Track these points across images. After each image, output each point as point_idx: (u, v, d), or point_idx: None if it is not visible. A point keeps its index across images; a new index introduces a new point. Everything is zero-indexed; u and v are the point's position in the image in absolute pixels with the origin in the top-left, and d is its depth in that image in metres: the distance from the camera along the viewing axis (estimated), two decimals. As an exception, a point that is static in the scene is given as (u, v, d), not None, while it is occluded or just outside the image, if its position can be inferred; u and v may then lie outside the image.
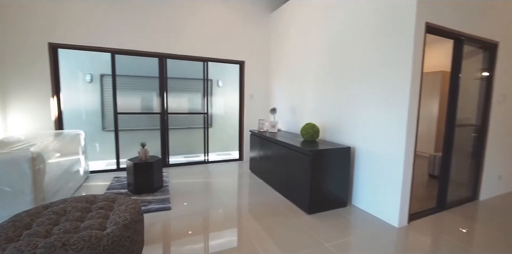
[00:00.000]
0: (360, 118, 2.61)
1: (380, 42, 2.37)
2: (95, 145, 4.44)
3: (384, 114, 2.34)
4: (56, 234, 1.39)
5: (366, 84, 2.52)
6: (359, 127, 2.63)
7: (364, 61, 2.54)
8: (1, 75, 3.07)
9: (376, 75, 2.42)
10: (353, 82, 2.68)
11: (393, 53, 2.25)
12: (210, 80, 5.21)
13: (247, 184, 3.45)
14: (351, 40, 2.70)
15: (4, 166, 1.96)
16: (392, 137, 2.27)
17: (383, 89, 2.35)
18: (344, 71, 2.81)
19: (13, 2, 3.05)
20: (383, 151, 2.36)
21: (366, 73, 2.53)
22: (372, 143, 2.48)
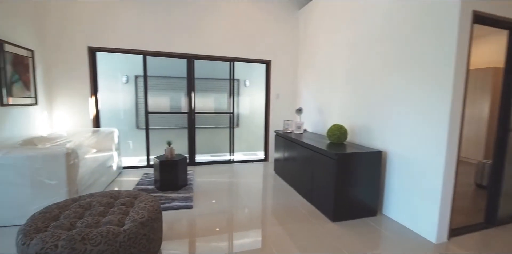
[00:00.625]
0: (393, 120, 2.38)
1: (418, 36, 2.13)
2: (128, 142, 4.71)
3: (421, 115, 2.10)
4: (79, 227, 1.46)
5: (401, 82, 2.29)
6: (391, 129, 2.40)
7: (399, 58, 2.31)
8: (47, 76, 3.39)
9: (412, 73, 2.18)
10: (386, 80, 2.46)
11: (432, 48, 2.00)
12: (237, 80, 5.22)
13: (270, 186, 3.38)
14: (384, 36, 2.48)
15: (43, 160, 2.14)
16: (430, 141, 2.02)
17: (420, 87, 2.11)
18: (375, 69, 2.59)
19: (58, 11, 3.34)
20: (420, 156, 2.12)
21: (401, 71, 2.29)
22: (406, 147, 2.24)
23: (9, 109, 2.68)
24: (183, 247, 1.94)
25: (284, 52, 4.31)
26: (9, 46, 2.70)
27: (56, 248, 1.28)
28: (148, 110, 3.93)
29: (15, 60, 2.76)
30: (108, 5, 3.49)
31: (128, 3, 3.56)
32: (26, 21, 3.00)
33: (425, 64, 2.07)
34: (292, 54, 4.35)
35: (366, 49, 2.73)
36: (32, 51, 3.06)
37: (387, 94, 2.45)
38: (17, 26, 2.84)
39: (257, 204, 2.75)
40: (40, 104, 3.22)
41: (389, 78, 2.43)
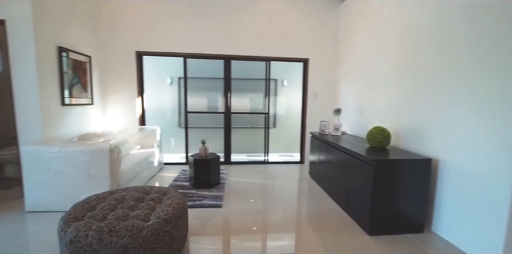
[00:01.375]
0: (447, 123, 2.03)
1: (483, 24, 1.77)
2: (170, 139, 5.02)
3: (484, 119, 1.74)
4: (109, 219, 1.56)
5: (459, 79, 1.94)
6: (446, 134, 2.05)
7: (458, 52, 1.96)
8: (102, 79, 3.78)
9: (474, 68, 1.82)
10: (439, 77, 2.11)
11: (504, 37, 1.64)
12: (274, 80, 5.15)
13: (303, 190, 3.22)
14: (438, 27, 2.14)
15: (91, 154, 2.37)
16: (496, 150, 1.66)
17: (484, 85, 1.75)
18: (429, 65, 2.25)
19: (111, 21, 3.71)
20: (481, 167, 1.76)
21: (459, 66, 1.94)
22: (463, 156, 1.89)
23: (69, 108, 3.06)
24: (209, 245, 1.95)
25: (322, 49, 4.08)
26: (73, 53, 3.09)
27: (87, 238, 1.38)
28: (187, 110, 4.11)
29: (75, 65, 3.14)
30: (152, 13, 3.75)
31: (169, 10, 3.77)
32: (86, 32, 3.39)
33: (493, 58, 1.71)
34: (331, 51, 4.10)
35: (418, 43, 2.40)
36: (90, 57, 3.45)
37: (441, 93, 2.11)
38: (80, 36, 3.23)
39: (288, 208, 2.64)
40: (95, 104, 3.62)
41: (441, 76, 2.09)
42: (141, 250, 1.45)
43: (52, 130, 2.79)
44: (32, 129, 2.61)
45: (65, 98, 2.95)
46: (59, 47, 2.84)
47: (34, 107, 2.57)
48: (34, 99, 2.56)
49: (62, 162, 2.36)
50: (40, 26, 2.56)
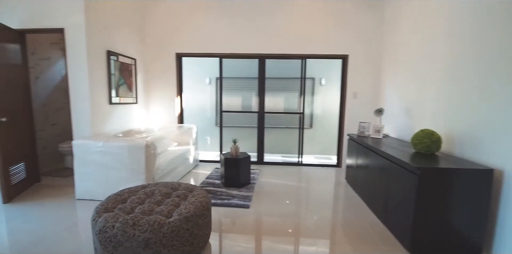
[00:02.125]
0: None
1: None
2: (206, 138, 5.18)
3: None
4: (136, 212, 1.63)
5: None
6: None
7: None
8: (145, 79, 4.07)
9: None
10: (507, 75, 1.74)
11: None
12: (311, 79, 4.94)
13: (338, 196, 3.01)
14: (505, 12, 1.76)
15: (129, 150, 2.55)
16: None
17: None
18: (490, 60, 1.88)
19: (154, 26, 3.95)
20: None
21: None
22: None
23: (116, 107, 3.35)
24: (231, 246, 1.92)
25: (364, 44, 3.75)
26: (120, 57, 3.37)
27: (113, 229, 1.46)
28: (222, 110, 4.18)
29: (122, 67, 3.42)
30: (190, 16, 3.90)
31: (206, 12, 3.88)
32: (132, 37, 3.68)
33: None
34: (374, 46, 3.75)
35: (480, 33, 2.03)
36: (135, 60, 3.73)
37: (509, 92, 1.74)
38: (126, 41, 3.52)
39: (319, 214, 2.48)
40: (139, 103, 3.90)
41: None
42: (161, 246, 1.48)
43: (101, 126, 3.07)
44: (83, 124, 2.91)
45: (112, 97, 3.23)
46: (108, 51, 3.12)
47: (85, 105, 2.87)
48: (85, 98, 2.85)
49: (105, 156, 2.58)
50: (91, 33, 2.84)
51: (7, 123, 2.58)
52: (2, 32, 2.60)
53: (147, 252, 1.45)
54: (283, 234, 2.12)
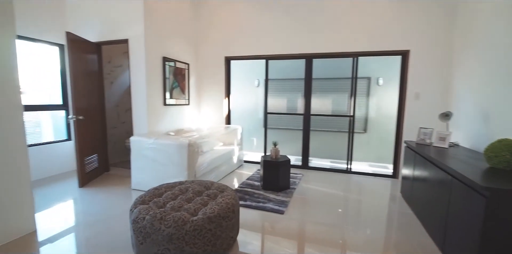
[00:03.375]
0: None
1: None
2: (252, 139, 5.23)
3: None
4: (166, 207, 1.73)
5: None
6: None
7: None
8: (197, 82, 4.35)
9: None
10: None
11: None
12: (367, 78, 4.50)
13: (388, 211, 2.64)
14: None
15: (174, 147, 2.75)
16: None
17: None
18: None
19: (205, 33, 4.20)
20: None
21: None
22: None
23: (169, 108, 3.67)
24: (255, 251, 1.88)
25: (429, 37, 3.19)
26: (174, 62, 3.69)
27: (143, 221, 1.58)
28: (267, 111, 4.17)
29: (176, 71, 3.74)
30: (238, 21, 4.00)
31: (251, 15, 3.93)
32: (186, 44, 3.98)
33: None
34: (441, 38, 3.14)
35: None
36: (188, 64, 4.03)
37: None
38: (180, 47, 3.83)
39: (361, 230, 2.21)
40: (191, 104, 4.20)
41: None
42: (184, 242, 1.53)
43: (156, 125, 3.41)
44: (141, 123, 3.28)
45: (166, 99, 3.56)
46: (163, 58, 3.44)
47: (143, 106, 3.23)
48: (143, 100, 3.21)
49: (155, 152, 2.84)
50: (149, 42, 3.18)
51: (84, 121, 3.09)
52: (83, 45, 3.14)
53: (170, 246, 1.53)
54: (314, 246, 1.96)
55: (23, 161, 1.99)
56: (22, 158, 1.98)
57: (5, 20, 1.83)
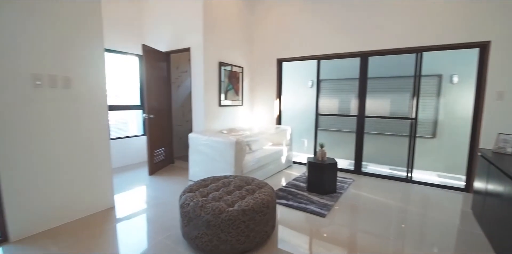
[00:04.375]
0: None
1: None
2: (303, 140, 5.18)
3: None
4: (208, 197, 1.94)
5: None
6: None
7: None
8: (251, 84, 4.57)
9: None
10: None
11: None
12: (437, 76, 3.94)
13: (453, 229, 2.29)
14: None
15: (223, 145, 3.00)
16: None
17: None
18: None
19: (258, 37, 4.38)
20: None
21: None
22: None
23: (224, 108, 3.99)
24: (287, 249, 1.91)
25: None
26: (229, 66, 3.99)
27: (187, 206, 1.81)
28: (318, 112, 4.09)
29: (230, 75, 4.03)
30: (290, 22, 4.04)
31: (302, 15, 3.90)
32: (240, 49, 4.25)
33: None
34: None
35: None
36: (242, 68, 4.28)
37: None
38: (235, 53, 4.12)
39: (412, 248, 2.01)
40: (244, 105, 4.45)
41: None
42: (219, 230, 1.70)
43: (211, 123, 3.76)
44: (199, 122, 3.67)
45: (221, 100, 3.88)
46: (219, 62, 3.77)
47: (200, 107, 3.60)
48: (200, 101, 3.59)
49: (208, 148, 3.15)
50: (207, 49, 3.53)
51: (154, 119, 3.65)
52: (155, 55, 3.70)
53: (208, 231, 1.71)
54: (352, 253, 1.89)
55: (105, 150, 2.50)
56: (105, 148, 2.49)
57: (96, 38, 2.34)
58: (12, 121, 1.87)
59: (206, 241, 1.73)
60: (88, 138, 2.33)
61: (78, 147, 2.27)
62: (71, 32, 2.15)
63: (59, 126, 2.13)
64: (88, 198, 2.37)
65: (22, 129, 1.92)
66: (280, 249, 1.91)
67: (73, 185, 2.25)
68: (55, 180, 2.13)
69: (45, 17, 1.99)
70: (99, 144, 2.43)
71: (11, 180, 1.89)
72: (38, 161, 2.02)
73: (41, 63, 1.98)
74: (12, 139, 1.88)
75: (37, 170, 2.02)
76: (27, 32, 1.90)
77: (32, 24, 1.92)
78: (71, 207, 2.25)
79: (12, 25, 1.83)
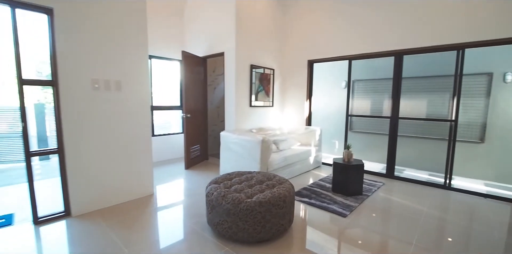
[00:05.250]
0: None
1: None
2: (334, 141, 5.10)
3: None
4: (231, 189, 2.13)
5: None
6: None
7: None
8: (282, 86, 4.68)
9: None
10: None
11: None
12: (486, 74, 3.57)
13: (492, 242, 2.12)
14: None
15: (250, 143, 3.17)
16: None
17: None
18: None
19: (289, 39, 4.47)
20: None
21: None
22: None
23: (254, 109, 4.17)
24: (301, 244, 1.99)
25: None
26: (260, 69, 4.17)
27: (211, 195, 2.02)
28: (348, 113, 4.03)
29: (261, 77, 4.21)
30: (319, 24, 4.05)
31: (334, 16, 3.88)
32: (272, 52, 4.40)
33: None
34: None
35: None
36: (273, 70, 4.43)
37: None
38: (267, 56, 4.28)
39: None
40: (275, 106, 4.59)
41: None
42: (238, 218, 1.86)
43: (242, 123, 3.98)
44: (231, 121, 3.91)
45: (252, 101, 4.08)
46: (251, 65, 3.97)
47: (232, 107, 3.84)
48: (232, 102, 3.83)
49: (237, 146, 3.36)
50: (239, 53, 3.75)
51: (191, 118, 4.00)
52: (193, 60, 4.05)
53: (228, 219, 1.90)
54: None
55: (147, 145, 2.86)
56: (147, 143, 2.86)
57: (141, 47, 2.71)
58: (79, 116, 2.30)
59: (226, 228, 1.91)
60: (134, 133, 2.71)
61: (126, 140, 2.65)
62: (122, 44, 2.54)
63: (112, 122, 2.53)
64: (132, 185, 2.75)
65: (86, 122, 2.35)
66: (295, 243, 2.00)
67: (121, 173, 2.64)
68: (107, 167, 2.54)
69: (103, 34, 2.40)
70: (143, 139, 2.80)
71: (74, 165, 2.32)
72: (95, 150, 2.44)
73: (98, 70, 2.40)
74: (79, 130, 2.31)
75: (94, 158, 2.44)
76: (89, 46, 2.32)
77: (94, 40, 2.34)
78: (118, 191, 2.64)
79: (81, 42, 2.26)
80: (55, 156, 2.32)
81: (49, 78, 2.23)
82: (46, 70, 2.32)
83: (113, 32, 2.46)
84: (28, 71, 2.18)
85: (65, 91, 2.22)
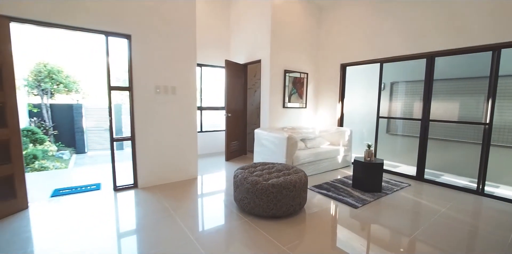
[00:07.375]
0: None
1: None
2: (366, 143, 5.10)
3: None
4: (253, 174, 2.61)
5: None
6: None
7: None
8: (315, 88, 4.97)
9: None
10: None
11: None
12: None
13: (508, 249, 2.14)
14: None
15: (278, 139, 3.61)
16: None
17: None
18: None
19: (322, 44, 4.73)
20: None
21: None
22: None
23: (287, 110, 4.58)
24: (311, 227, 2.35)
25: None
26: (294, 73, 4.56)
27: (237, 177, 2.54)
28: (379, 115, 4.12)
29: (295, 80, 4.59)
30: (351, 28, 4.22)
31: (366, 20, 4.01)
32: (305, 57, 4.73)
33: None
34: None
35: None
36: (307, 74, 4.76)
37: None
38: (300, 61, 4.65)
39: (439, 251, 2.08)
40: (308, 108, 4.91)
41: None
42: (255, 196, 2.34)
43: (275, 122, 4.43)
44: (265, 120, 4.40)
45: (285, 103, 4.50)
46: (284, 70, 4.40)
47: (266, 108, 4.33)
48: (266, 103, 4.31)
49: (267, 141, 3.83)
50: (274, 60, 4.22)
51: (231, 117, 4.62)
52: (235, 67, 4.67)
53: (248, 196, 2.39)
54: (366, 243, 2.15)
55: (193, 140, 3.54)
56: (193, 136, 3.54)
57: (190, 56, 3.40)
58: (146, 113, 3.09)
59: (246, 203, 2.41)
60: (184, 128, 3.42)
61: (178, 133, 3.38)
62: (177, 59, 3.26)
63: (168, 119, 3.27)
64: (181, 169, 3.47)
65: (150, 118, 3.13)
66: (300, 222, 2.37)
67: (174, 159, 3.38)
68: (165, 153, 3.29)
69: (165, 52, 3.15)
70: (190, 132, 3.50)
71: (141, 150, 3.12)
72: (156, 139, 3.20)
73: (160, 78, 3.15)
74: (145, 123, 3.10)
75: (155, 145, 3.21)
76: (155, 61, 3.09)
77: (158, 56, 3.11)
78: (171, 173, 3.38)
79: (149, 58, 3.04)
80: (128, 146, 3.15)
81: (126, 84, 3.07)
82: (123, 78, 3.18)
83: (171, 50, 3.20)
84: (113, 80, 3.04)
85: (137, 95, 3.02)
